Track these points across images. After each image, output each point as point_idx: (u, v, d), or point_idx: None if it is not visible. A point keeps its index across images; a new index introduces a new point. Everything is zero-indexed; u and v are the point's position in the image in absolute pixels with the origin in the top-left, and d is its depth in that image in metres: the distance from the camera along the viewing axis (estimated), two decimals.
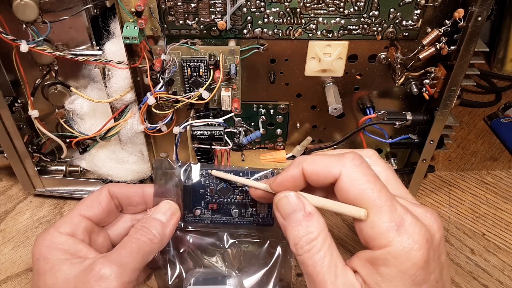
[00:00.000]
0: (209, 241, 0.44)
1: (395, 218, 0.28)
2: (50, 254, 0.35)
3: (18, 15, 0.40)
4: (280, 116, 0.50)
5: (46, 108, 0.49)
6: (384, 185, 0.30)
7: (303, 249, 0.30)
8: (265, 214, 0.43)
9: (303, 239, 0.30)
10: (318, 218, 0.30)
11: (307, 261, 0.29)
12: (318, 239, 0.29)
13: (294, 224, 0.30)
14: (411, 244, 0.27)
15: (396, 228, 0.28)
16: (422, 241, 0.28)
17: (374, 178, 0.30)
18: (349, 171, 0.30)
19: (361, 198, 0.29)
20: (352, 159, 0.30)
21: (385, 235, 0.28)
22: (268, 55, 0.44)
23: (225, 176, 0.41)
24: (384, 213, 0.28)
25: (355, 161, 0.30)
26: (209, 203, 0.43)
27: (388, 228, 0.28)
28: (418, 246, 0.27)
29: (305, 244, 0.30)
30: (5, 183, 0.57)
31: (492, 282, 0.46)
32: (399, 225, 0.28)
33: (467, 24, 0.39)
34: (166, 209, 0.40)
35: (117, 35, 0.43)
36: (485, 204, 0.55)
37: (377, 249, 0.28)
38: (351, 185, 0.30)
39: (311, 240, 0.29)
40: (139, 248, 0.36)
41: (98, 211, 0.40)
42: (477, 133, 0.66)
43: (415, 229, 0.28)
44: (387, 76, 0.46)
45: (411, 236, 0.27)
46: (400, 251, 0.27)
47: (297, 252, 0.30)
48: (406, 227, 0.28)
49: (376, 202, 0.28)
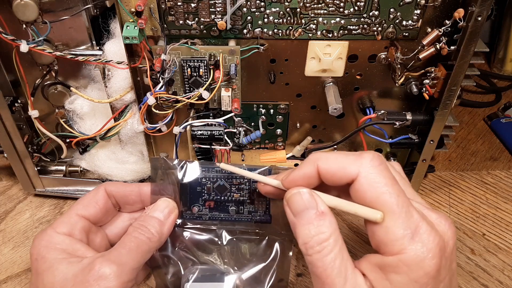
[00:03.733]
0: (207, 238, 0.44)
1: (411, 225, 0.27)
2: (48, 253, 0.35)
3: (18, 15, 0.40)
4: (280, 116, 0.50)
5: (46, 108, 0.49)
6: (402, 189, 0.29)
7: (314, 249, 0.29)
8: (263, 211, 0.43)
9: (314, 239, 0.29)
10: (331, 218, 0.30)
11: (316, 262, 0.29)
12: (329, 240, 0.29)
13: (305, 222, 0.29)
14: (425, 253, 0.27)
15: (411, 236, 0.27)
16: (435, 250, 0.27)
17: (392, 182, 0.29)
18: (368, 172, 0.29)
19: (378, 201, 0.28)
20: (371, 159, 0.29)
21: (399, 242, 0.27)
22: (268, 55, 0.44)
23: (234, 169, 0.40)
24: (401, 220, 0.27)
25: (373, 162, 0.29)
26: (206, 201, 0.43)
27: (403, 235, 0.27)
28: (431, 255, 0.27)
29: (316, 245, 0.29)
30: (5, 183, 0.57)
31: (492, 282, 0.46)
32: (414, 232, 0.27)
33: (467, 24, 0.39)
34: (163, 207, 0.40)
35: (117, 35, 0.43)
36: (485, 204, 0.55)
37: (388, 255, 0.28)
38: (369, 187, 0.29)
39: (322, 241, 0.29)
40: (137, 246, 0.36)
41: (95, 210, 0.40)
42: (477, 133, 0.66)
43: (429, 237, 0.27)
44: (387, 76, 0.46)
45: (425, 244, 0.27)
46: (413, 259, 0.27)
47: (307, 252, 0.29)
48: (420, 235, 0.27)
49: (393, 207, 0.28)
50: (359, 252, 0.45)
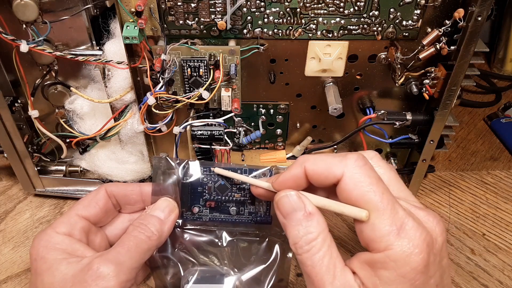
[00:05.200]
0: (207, 239, 0.44)
1: (396, 222, 0.28)
2: (48, 254, 0.35)
3: (18, 15, 0.40)
4: (280, 116, 0.50)
5: (46, 108, 0.49)
6: (387, 187, 0.30)
7: (302, 249, 0.30)
8: (263, 212, 0.43)
9: (303, 239, 0.30)
10: (318, 218, 0.30)
11: (306, 261, 0.30)
12: (317, 239, 0.29)
13: (294, 223, 0.30)
14: (411, 249, 0.27)
15: (396, 232, 0.28)
16: (422, 245, 0.27)
17: (376, 180, 0.29)
18: (352, 172, 0.30)
19: (363, 200, 0.29)
20: (355, 160, 0.30)
21: (385, 239, 0.28)
22: (268, 55, 0.44)
23: (226, 173, 0.41)
24: (386, 216, 0.28)
25: (358, 162, 0.30)
26: (207, 200, 0.43)
27: (388, 231, 0.28)
28: (418, 251, 0.27)
29: (305, 244, 0.30)
30: (5, 183, 0.57)
31: (492, 282, 0.46)
32: (399, 228, 0.28)
33: (467, 24, 0.39)
34: (164, 206, 0.40)
35: (117, 35, 0.43)
36: (485, 204, 0.55)
37: (376, 252, 0.28)
38: (354, 187, 0.29)
39: (310, 240, 0.29)
40: (136, 246, 0.36)
41: (95, 210, 0.40)
42: (477, 133, 0.66)
43: (415, 233, 0.28)
44: (387, 76, 0.46)
45: (411, 240, 0.27)
46: (400, 255, 0.27)
47: (297, 251, 0.30)
48: (406, 231, 0.28)
49: (378, 204, 0.28)
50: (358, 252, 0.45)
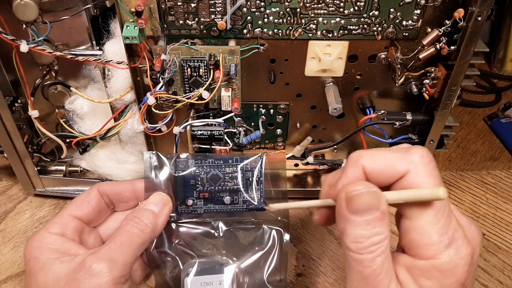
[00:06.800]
0: (203, 231, 0.44)
1: (448, 231, 0.27)
2: (41, 254, 0.35)
3: (18, 15, 0.40)
4: (280, 116, 0.50)
5: (46, 108, 0.49)
6: None
7: (367, 249, 0.27)
8: (257, 199, 0.43)
9: (370, 239, 0.27)
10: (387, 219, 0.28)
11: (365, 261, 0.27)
12: (384, 242, 0.27)
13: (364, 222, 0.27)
14: (458, 260, 0.26)
15: (447, 243, 0.27)
16: (467, 258, 0.27)
17: (440, 182, 0.27)
18: (418, 170, 0.27)
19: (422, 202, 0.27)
20: (421, 156, 0.28)
21: (434, 247, 0.27)
22: (268, 55, 0.44)
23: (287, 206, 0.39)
24: (440, 225, 0.27)
25: (424, 159, 0.28)
26: (200, 192, 0.43)
27: (439, 240, 0.27)
28: (464, 263, 0.27)
29: (370, 245, 0.27)
30: (5, 183, 0.57)
31: (492, 282, 0.46)
32: (451, 239, 0.27)
33: (467, 24, 0.39)
34: (157, 200, 0.40)
35: (117, 35, 0.43)
36: (485, 204, 0.55)
37: (420, 258, 0.27)
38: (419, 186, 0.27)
39: (377, 242, 0.27)
40: (129, 240, 0.36)
41: (88, 210, 0.40)
42: (477, 133, 0.66)
43: (463, 244, 0.27)
44: (387, 76, 0.46)
45: (459, 251, 0.27)
46: (447, 265, 0.26)
47: (357, 251, 0.27)
48: (456, 242, 0.27)
49: (435, 210, 0.27)
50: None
